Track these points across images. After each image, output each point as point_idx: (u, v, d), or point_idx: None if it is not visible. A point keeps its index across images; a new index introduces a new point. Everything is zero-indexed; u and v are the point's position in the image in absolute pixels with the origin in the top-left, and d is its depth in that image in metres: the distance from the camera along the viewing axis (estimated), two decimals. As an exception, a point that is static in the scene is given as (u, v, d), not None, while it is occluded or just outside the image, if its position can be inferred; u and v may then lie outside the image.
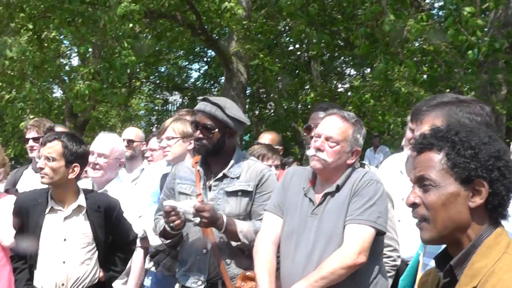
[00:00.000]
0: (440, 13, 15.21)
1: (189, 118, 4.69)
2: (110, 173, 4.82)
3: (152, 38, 17.84)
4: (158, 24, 16.63)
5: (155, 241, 4.17)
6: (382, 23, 9.61)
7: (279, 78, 18.52)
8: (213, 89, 25.32)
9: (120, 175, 5.14)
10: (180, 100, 27.06)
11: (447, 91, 10.67)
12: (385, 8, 9.53)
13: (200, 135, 3.80)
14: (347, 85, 21.61)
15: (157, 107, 28.85)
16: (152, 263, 4.19)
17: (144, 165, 6.07)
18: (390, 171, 4.19)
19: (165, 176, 4.32)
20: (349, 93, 17.97)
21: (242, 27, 13.67)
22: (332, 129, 3.45)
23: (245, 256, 3.77)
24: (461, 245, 1.93)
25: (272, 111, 23.81)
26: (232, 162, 3.88)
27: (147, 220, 4.33)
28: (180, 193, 3.91)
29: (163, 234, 3.86)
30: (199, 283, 3.80)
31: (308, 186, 3.55)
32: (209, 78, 25.26)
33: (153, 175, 4.77)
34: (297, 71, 21.71)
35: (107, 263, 4.06)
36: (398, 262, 3.82)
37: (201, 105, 3.84)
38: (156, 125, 27.52)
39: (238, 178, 3.85)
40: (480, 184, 1.88)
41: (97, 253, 3.98)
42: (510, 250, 1.87)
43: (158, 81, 26.01)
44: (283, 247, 3.55)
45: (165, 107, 28.81)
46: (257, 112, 24.25)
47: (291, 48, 21.53)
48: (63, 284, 3.88)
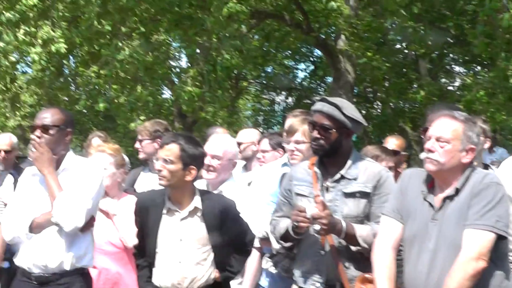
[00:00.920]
0: None
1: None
2: (224, 175, 4.83)
3: (259, 39, 17.95)
4: (265, 25, 16.69)
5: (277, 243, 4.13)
6: (501, 19, 9.20)
7: (387, 77, 18.26)
8: (319, 89, 25.21)
9: (234, 176, 5.13)
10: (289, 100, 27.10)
11: None
12: (504, 3, 9.12)
13: (318, 135, 3.74)
14: (458, 83, 21.03)
15: (263, 108, 29.02)
16: (270, 263, 4.15)
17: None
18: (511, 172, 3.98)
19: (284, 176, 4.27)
20: (459, 92, 17.50)
21: (350, 25, 13.53)
22: (441, 129, 3.37)
23: (364, 258, 3.68)
24: None
25: (380, 110, 23.47)
26: (349, 163, 3.81)
27: (268, 221, 4.27)
28: (297, 194, 3.87)
29: (284, 237, 3.83)
30: (317, 284, 3.76)
31: (427, 189, 3.45)
32: (316, 78, 25.15)
33: (271, 175, 4.72)
34: (404, 69, 21.29)
35: (223, 264, 4.06)
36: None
37: (319, 105, 3.78)
38: (263, 126, 27.71)
39: (355, 179, 3.77)
40: None
41: (212, 254, 3.98)
42: None
43: (264, 82, 26.15)
44: (405, 253, 3.49)
45: (271, 108, 28.96)
46: (364, 111, 23.96)
47: (398, 46, 21.15)
48: (179, 284, 3.93)
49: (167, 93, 22.57)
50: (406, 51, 20.21)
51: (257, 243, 4.48)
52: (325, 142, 3.72)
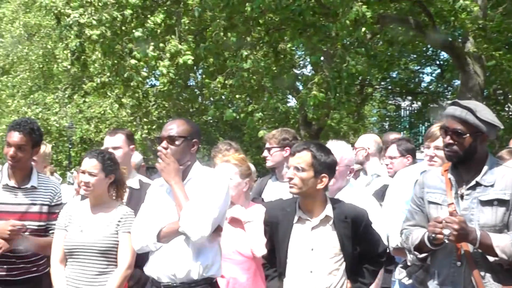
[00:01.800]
0: None
1: None
2: (341, 181, 4.74)
3: (383, 44, 17.74)
4: (390, 29, 16.49)
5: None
6: None
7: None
8: (446, 93, 24.57)
9: (352, 181, 5.06)
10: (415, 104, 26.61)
11: None
12: None
13: (450, 141, 3.59)
14: None
15: (389, 113, 28.64)
16: (404, 273, 4.05)
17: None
18: None
19: None
20: None
21: (478, 26, 13.09)
22: None
23: (504, 270, 3.47)
24: None
25: (511, 113, 22.55)
26: (485, 169, 3.59)
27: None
28: (430, 202, 3.71)
29: (418, 247, 3.70)
30: (453, 297, 3.56)
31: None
32: (443, 81, 24.53)
33: (406, 182, 4.61)
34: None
35: (355, 274, 3.95)
36: None
37: (451, 109, 3.62)
38: (389, 131, 27.31)
39: (492, 186, 3.55)
40: None
41: (344, 264, 3.92)
42: None
43: (390, 87, 25.81)
44: None
45: (397, 113, 28.54)
46: (494, 114, 23.07)
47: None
48: None
49: (292, 102, 22.78)
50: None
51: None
52: (458, 148, 3.56)
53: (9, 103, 28.46)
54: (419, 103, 25.68)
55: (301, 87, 18.54)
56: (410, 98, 26.49)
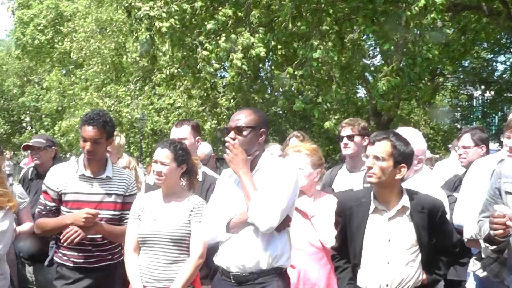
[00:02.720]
0: None
1: None
2: (409, 171, 4.64)
3: (456, 32, 17.34)
4: (462, 17, 16.12)
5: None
6: None
7: None
8: (521, 82, 23.89)
9: (424, 170, 4.94)
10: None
11: None
12: None
13: None
14: None
15: (461, 103, 28.03)
16: (478, 265, 3.95)
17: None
18: None
19: None
20: None
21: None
22: None
23: None
24: None
25: None
26: None
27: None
28: (507, 192, 3.60)
29: (488, 239, 3.60)
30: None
31: None
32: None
33: (483, 172, 4.48)
34: None
35: (430, 266, 3.88)
36: None
37: None
38: (461, 122, 26.79)
39: None
40: None
41: (420, 255, 3.84)
42: None
43: (462, 76, 25.24)
44: None
45: (469, 103, 27.92)
46: None
47: None
48: (387, 285, 3.81)
49: (362, 92, 22.57)
50: None
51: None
52: None
53: (82, 96, 29.17)
54: (492, 92, 25.04)
55: (370, 78, 18.34)
56: (482, 87, 25.86)
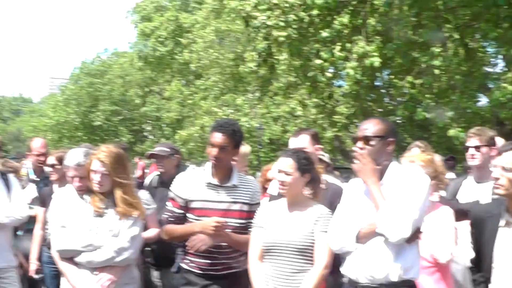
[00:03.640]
0: None
1: None
2: None
3: None
4: None
5: None
6: None
7: None
8: None
9: None
10: None
11: None
12: None
13: None
14: None
15: None
16: None
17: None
18: None
19: None
20: None
21: None
22: None
23: None
24: None
25: None
26: None
27: None
28: None
29: None
30: None
31: None
32: None
33: None
34: None
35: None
36: None
37: None
38: None
39: None
40: None
41: None
42: None
43: None
44: None
45: None
46: None
47: None
48: None
49: (484, 101, 21.79)
50: None
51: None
52: None
53: (202, 105, 29.85)
54: None
55: (491, 86, 17.70)
56: None
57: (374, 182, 3.91)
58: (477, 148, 5.40)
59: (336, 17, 13.41)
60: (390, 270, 3.85)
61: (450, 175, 8.01)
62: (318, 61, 13.45)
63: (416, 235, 3.89)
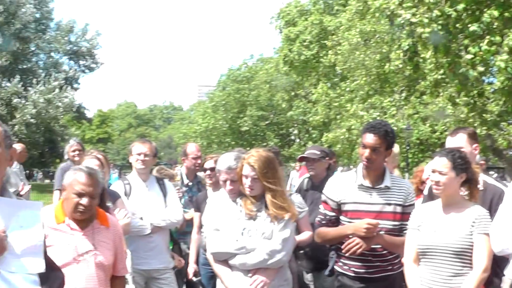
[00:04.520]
0: None
1: None
2: None
3: None
4: None
5: None
6: None
7: None
8: None
9: None
10: None
11: None
12: None
13: None
14: None
15: None
16: None
17: None
18: None
19: None
20: None
21: None
22: None
23: None
24: None
25: None
26: None
27: None
28: None
29: None
30: None
31: None
32: None
33: None
34: None
35: None
36: None
37: None
38: None
39: None
40: None
41: None
42: None
43: None
44: None
45: None
46: None
47: None
48: None
49: None
50: None
51: None
52: None
53: (348, 108, 29.71)
54: None
55: None
56: None
57: None
58: None
59: (485, 10, 12.89)
60: None
61: None
62: (469, 56, 12.97)
63: None
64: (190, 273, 6.75)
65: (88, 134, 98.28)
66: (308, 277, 6.44)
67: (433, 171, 4.39)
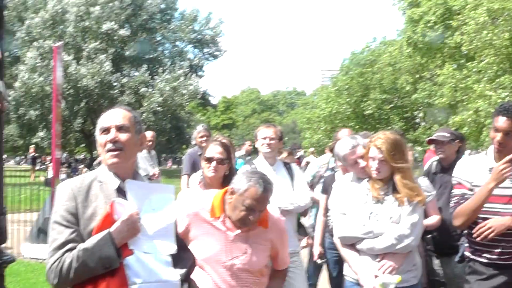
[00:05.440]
0: None
1: None
2: None
3: None
4: None
5: None
6: None
7: None
8: None
9: None
10: None
11: None
12: None
13: None
14: None
15: None
16: None
17: None
18: None
19: None
20: None
21: None
22: None
23: None
24: None
25: None
26: None
27: None
28: None
29: None
30: None
31: None
32: None
33: None
34: None
35: None
36: None
37: None
38: None
39: None
40: None
41: None
42: None
43: None
44: None
45: None
46: None
47: None
48: None
49: None
50: None
51: None
52: None
53: (474, 88, 28.68)
54: None
55: None
56: None
57: None
58: None
59: None
60: None
61: None
62: None
63: None
64: (316, 256, 6.80)
65: (213, 120, 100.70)
66: (437, 262, 6.31)
67: None
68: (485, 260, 4.61)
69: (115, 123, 3.23)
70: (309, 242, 6.87)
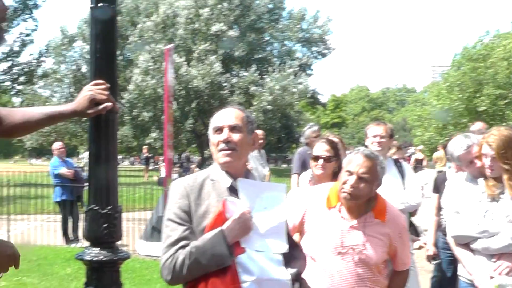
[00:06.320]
0: None
1: None
2: None
3: None
4: None
5: None
6: None
7: None
8: None
9: None
10: None
11: None
12: None
13: None
14: None
15: None
16: None
17: None
18: None
19: None
20: None
21: None
22: None
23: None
24: None
25: None
26: None
27: None
28: None
29: None
30: None
31: None
32: None
33: None
34: None
35: None
36: None
37: None
38: None
39: None
40: None
41: None
42: None
43: None
44: None
45: None
46: None
47: None
48: None
49: None
50: None
51: None
52: None
53: None
54: None
55: None
56: None
57: None
58: None
59: None
60: None
61: None
62: None
63: None
64: (429, 256, 6.68)
65: (323, 119, 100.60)
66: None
67: None
68: None
69: (228, 123, 3.29)
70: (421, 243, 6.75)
